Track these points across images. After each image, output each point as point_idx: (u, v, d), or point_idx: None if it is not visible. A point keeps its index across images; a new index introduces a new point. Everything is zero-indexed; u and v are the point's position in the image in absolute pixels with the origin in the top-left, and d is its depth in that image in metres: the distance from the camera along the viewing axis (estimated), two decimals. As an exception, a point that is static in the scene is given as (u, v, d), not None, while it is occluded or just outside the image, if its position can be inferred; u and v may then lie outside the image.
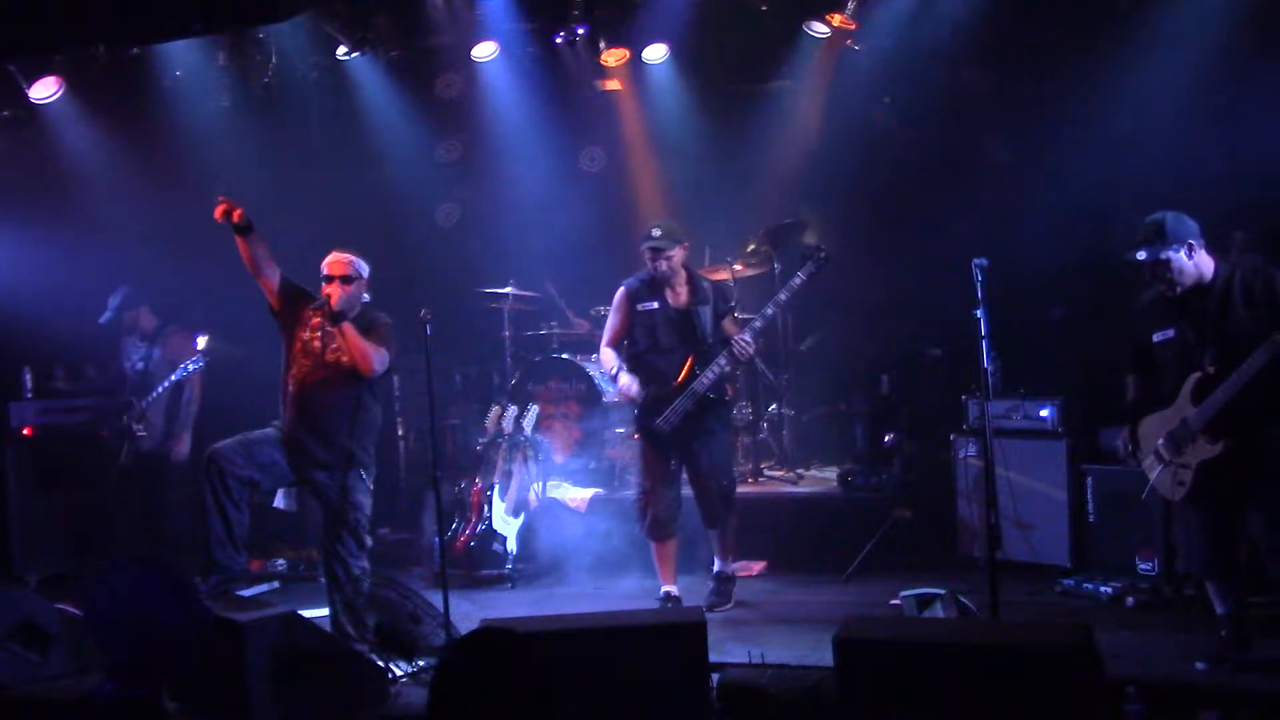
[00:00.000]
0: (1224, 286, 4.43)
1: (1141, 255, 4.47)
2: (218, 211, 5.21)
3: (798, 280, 5.73)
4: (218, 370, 7.25)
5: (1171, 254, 4.42)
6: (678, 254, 5.81)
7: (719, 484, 5.79)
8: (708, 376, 5.65)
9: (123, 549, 6.75)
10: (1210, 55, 6.13)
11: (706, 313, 5.80)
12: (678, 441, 5.74)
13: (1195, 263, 4.45)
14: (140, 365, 7.22)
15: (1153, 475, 4.60)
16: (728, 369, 5.73)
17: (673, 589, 5.83)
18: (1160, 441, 4.54)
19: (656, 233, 5.77)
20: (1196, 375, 4.42)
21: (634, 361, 5.86)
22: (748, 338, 5.67)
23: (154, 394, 7.01)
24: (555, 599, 6.29)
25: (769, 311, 5.82)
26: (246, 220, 5.23)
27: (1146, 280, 4.60)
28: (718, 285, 6.13)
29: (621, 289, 5.98)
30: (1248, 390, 4.24)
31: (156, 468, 7.09)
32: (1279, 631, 4.79)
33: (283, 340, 5.57)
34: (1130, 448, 4.73)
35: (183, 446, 7.14)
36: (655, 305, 5.84)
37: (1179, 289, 4.47)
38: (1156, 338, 4.61)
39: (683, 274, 5.87)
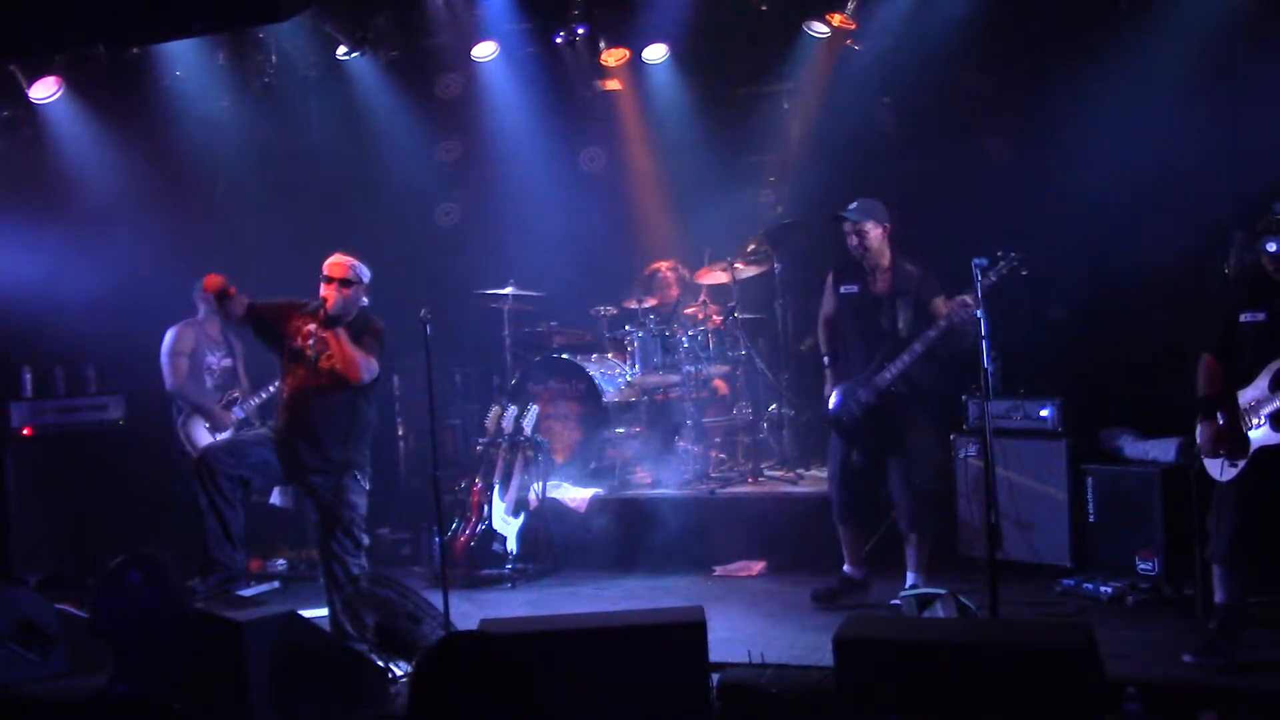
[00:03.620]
0: None
1: (1272, 247, 4.44)
2: (212, 284, 5.31)
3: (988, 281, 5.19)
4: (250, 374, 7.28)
5: None
6: (871, 230, 5.60)
7: (912, 484, 5.59)
8: (892, 369, 5.48)
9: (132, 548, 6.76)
10: (1210, 54, 6.12)
11: (905, 303, 5.54)
12: (861, 436, 5.62)
13: None
14: (227, 361, 7.23)
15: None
16: (928, 345, 5.40)
17: (850, 570, 5.85)
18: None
19: (853, 204, 5.60)
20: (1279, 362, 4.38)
21: (831, 344, 5.84)
22: (969, 299, 5.17)
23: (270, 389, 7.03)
24: (555, 599, 6.30)
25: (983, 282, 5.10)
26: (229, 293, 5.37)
27: (1268, 267, 4.50)
28: (925, 276, 5.64)
29: (831, 271, 5.86)
30: None
31: None
32: (1279, 631, 4.80)
33: (274, 352, 5.60)
34: (1213, 440, 4.54)
35: None
36: (855, 289, 5.67)
37: None
38: (1244, 317, 4.56)
39: (886, 258, 5.65)
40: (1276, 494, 4.40)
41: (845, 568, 5.91)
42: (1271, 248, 4.44)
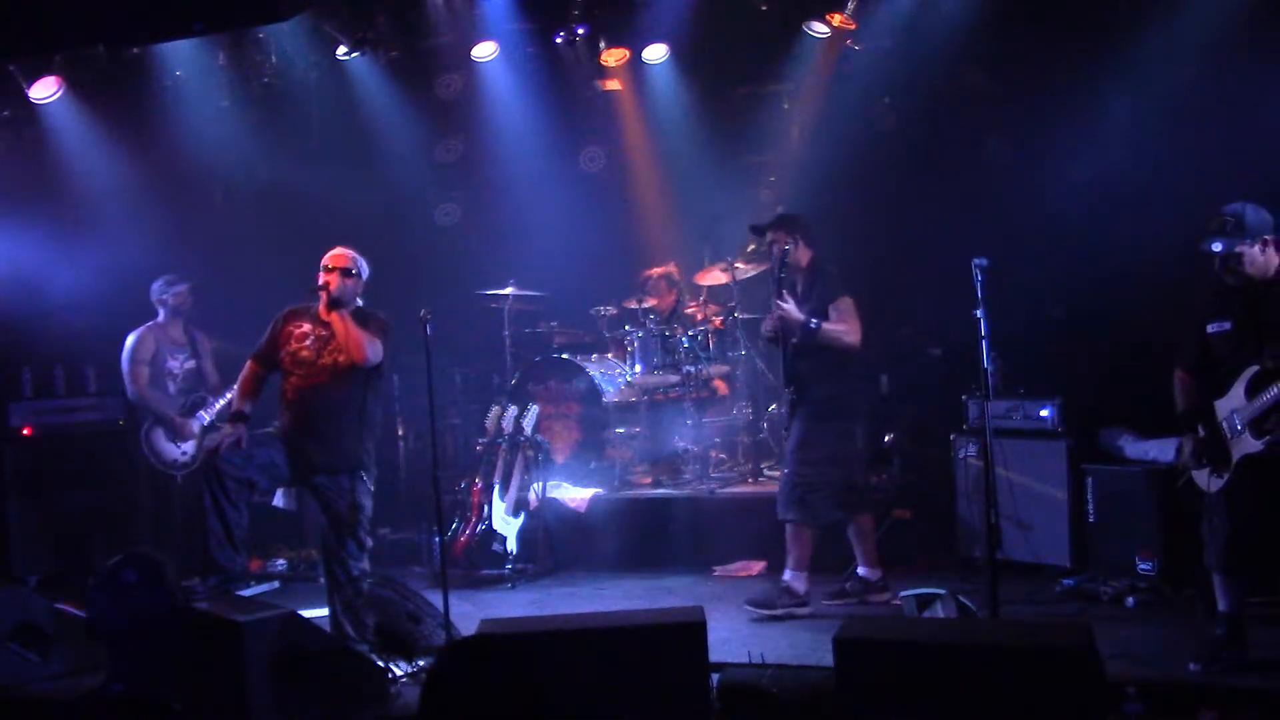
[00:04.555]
0: None
1: (1216, 247, 4.36)
2: None
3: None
4: (221, 370, 7.27)
5: (1245, 248, 4.35)
6: (780, 241, 5.73)
7: (786, 473, 5.73)
8: (784, 374, 5.73)
9: (133, 548, 6.77)
10: (1211, 54, 6.12)
11: (807, 309, 5.65)
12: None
13: (1266, 258, 4.38)
14: (190, 363, 7.22)
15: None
16: (795, 347, 5.66)
17: (861, 569, 5.84)
18: (1202, 433, 4.50)
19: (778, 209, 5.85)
20: (1254, 369, 4.34)
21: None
22: (778, 301, 5.62)
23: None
24: (555, 599, 6.29)
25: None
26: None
27: (1215, 270, 4.46)
28: (826, 278, 5.74)
29: None
30: None
31: None
32: (1279, 631, 4.79)
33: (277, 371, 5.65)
34: (1195, 453, 4.56)
35: None
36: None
37: (1243, 281, 4.40)
38: (1211, 328, 4.53)
39: (803, 265, 5.79)
40: (1265, 499, 4.38)
41: (859, 569, 5.88)
42: (1217, 248, 4.38)
